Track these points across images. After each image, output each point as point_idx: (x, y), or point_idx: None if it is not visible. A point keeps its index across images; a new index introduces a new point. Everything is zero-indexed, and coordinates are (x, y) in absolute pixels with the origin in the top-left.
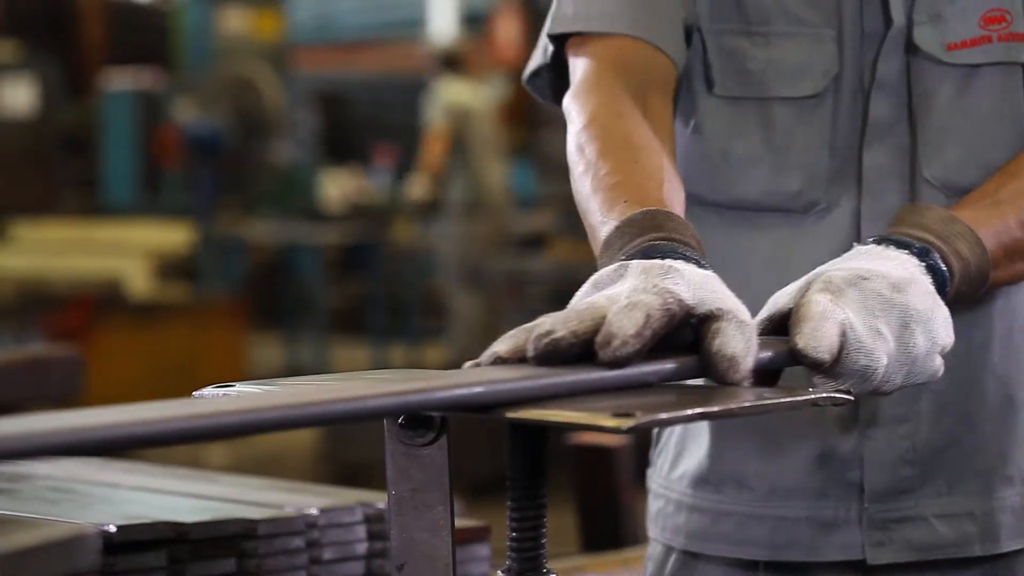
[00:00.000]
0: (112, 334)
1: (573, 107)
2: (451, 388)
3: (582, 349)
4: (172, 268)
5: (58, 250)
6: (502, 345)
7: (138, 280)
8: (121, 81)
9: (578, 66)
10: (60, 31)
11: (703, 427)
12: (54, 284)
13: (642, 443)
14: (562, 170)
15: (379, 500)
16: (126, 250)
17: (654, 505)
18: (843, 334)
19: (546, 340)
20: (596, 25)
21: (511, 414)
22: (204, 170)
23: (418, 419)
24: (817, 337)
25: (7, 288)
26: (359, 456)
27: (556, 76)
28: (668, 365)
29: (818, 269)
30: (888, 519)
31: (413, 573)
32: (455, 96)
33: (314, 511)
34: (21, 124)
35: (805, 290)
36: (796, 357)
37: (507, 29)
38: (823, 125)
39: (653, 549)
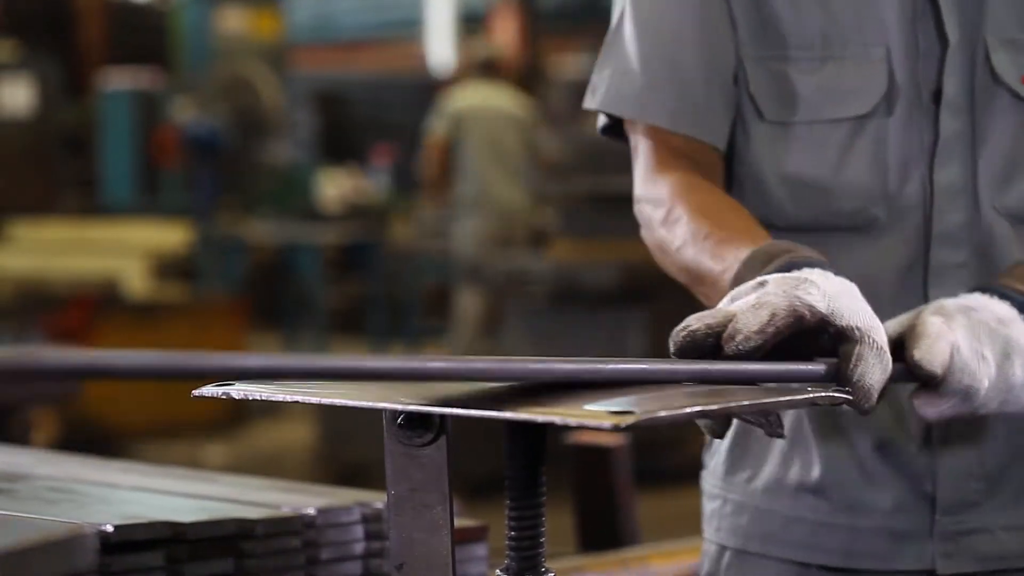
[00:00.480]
0: (111, 334)
1: (647, 190)
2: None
3: (715, 341)
4: (171, 268)
5: (57, 250)
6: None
7: (137, 280)
8: (120, 81)
9: (638, 148)
10: (59, 31)
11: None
12: (53, 284)
13: (640, 443)
14: (561, 170)
15: (377, 500)
16: (125, 250)
17: (709, 505)
18: (951, 355)
19: (683, 332)
20: (648, 116)
21: (509, 413)
22: (203, 170)
23: (417, 418)
24: (932, 352)
25: (6, 288)
26: (357, 456)
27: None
28: (799, 367)
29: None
30: (958, 531)
31: (412, 573)
32: (464, 102)
33: (312, 511)
34: (20, 124)
35: (918, 315)
36: (911, 370)
37: (505, 29)
38: (878, 143)
39: (708, 547)
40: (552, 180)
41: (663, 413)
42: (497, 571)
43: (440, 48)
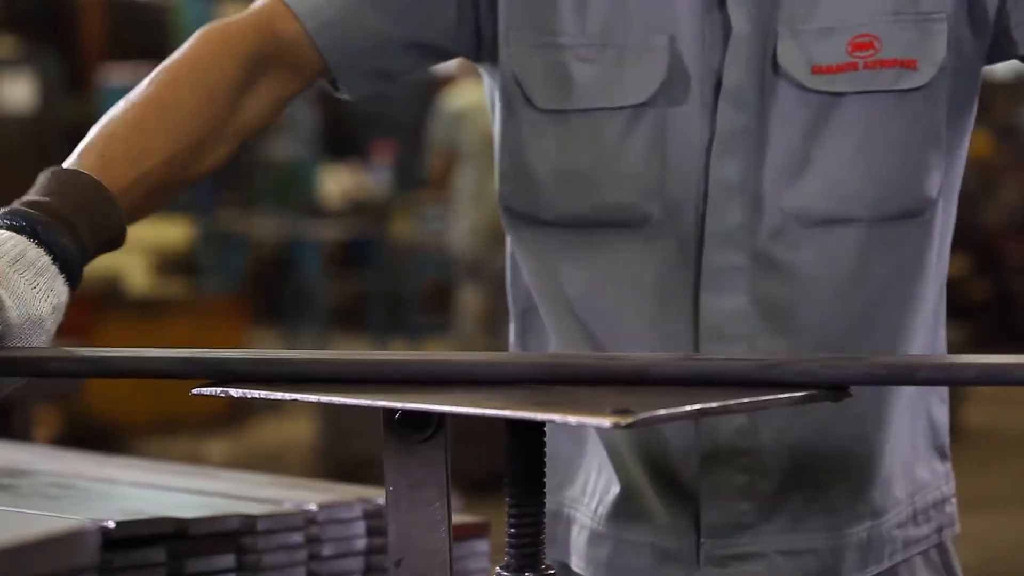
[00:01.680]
0: (113, 330)
1: (195, 36)
2: None
3: None
4: (172, 264)
5: None
6: None
7: (139, 276)
8: (120, 76)
9: (244, 9)
10: (60, 26)
11: (564, 440)
12: None
13: None
14: None
15: (378, 496)
16: (126, 246)
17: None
18: None
19: None
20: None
21: (508, 411)
22: None
23: (416, 415)
24: None
25: None
26: (359, 452)
27: None
28: None
29: None
30: (726, 555)
31: (411, 569)
32: (461, 101)
33: (313, 507)
34: (21, 119)
35: None
36: None
37: None
38: (655, 135)
39: None
40: None
41: (663, 412)
42: (497, 568)
43: None
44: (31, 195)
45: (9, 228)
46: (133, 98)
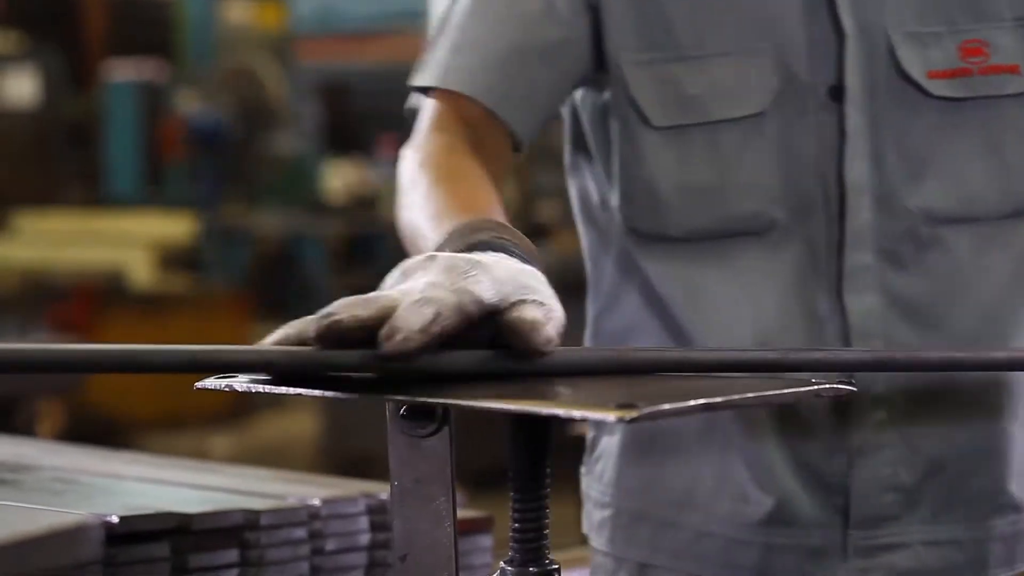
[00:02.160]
0: (115, 325)
1: (410, 150)
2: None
3: (364, 335)
4: (175, 259)
5: (62, 241)
6: (286, 330)
7: (141, 271)
8: (124, 72)
9: (424, 113)
10: (63, 22)
11: (664, 440)
12: (58, 275)
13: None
14: (563, 161)
15: (382, 491)
16: (129, 241)
17: (598, 514)
18: None
19: (326, 322)
20: (442, 82)
21: (512, 405)
22: (207, 161)
23: (420, 409)
24: None
25: (11, 279)
26: (362, 447)
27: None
28: (464, 354)
29: None
30: (873, 546)
31: (415, 564)
32: None
33: (316, 502)
34: (24, 115)
35: None
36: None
37: None
38: (774, 142)
39: (600, 560)
40: (554, 172)
41: (667, 406)
42: (501, 563)
43: None
44: (474, 238)
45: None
46: (425, 193)
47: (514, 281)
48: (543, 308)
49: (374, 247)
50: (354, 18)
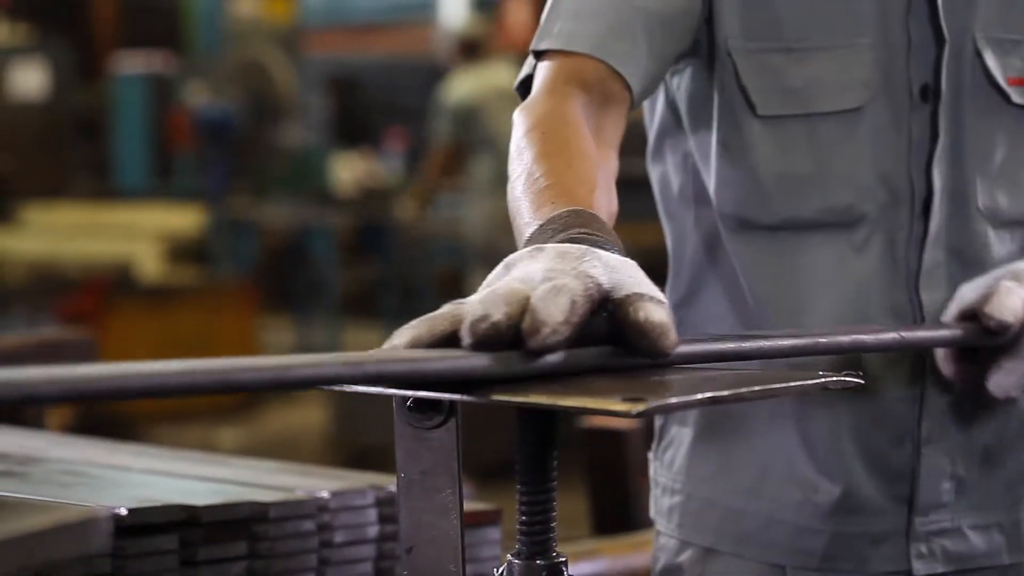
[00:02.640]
0: (124, 317)
1: (520, 114)
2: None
3: (516, 334)
4: (184, 251)
5: (70, 233)
6: (400, 337)
7: (150, 263)
8: (133, 64)
9: (539, 78)
10: (71, 14)
11: (731, 428)
12: (66, 267)
13: (653, 427)
14: None
15: (390, 483)
16: (138, 233)
17: (667, 500)
18: None
19: (485, 325)
20: (565, 44)
21: (519, 399)
22: (216, 153)
23: (427, 402)
24: (1004, 304)
25: (19, 271)
26: (370, 439)
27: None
28: (593, 350)
29: (1010, 264)
30: (931, 531)
31: (421, 556)
32: (462, 92)
33: (325, 494)
34: (33, 107)
35: (995, 279)
36: (984, 324)
37: (518, 12)
38: (867, 138)
39: (665, 542)
40: None
41: (674, 400)
42: (508, 555)
43: (453, 31)
44: (565, 235)
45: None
46: (537, 162)
47: (624, 269)
48: (665, 308)
49: (382, 239)
50: (362, 10)
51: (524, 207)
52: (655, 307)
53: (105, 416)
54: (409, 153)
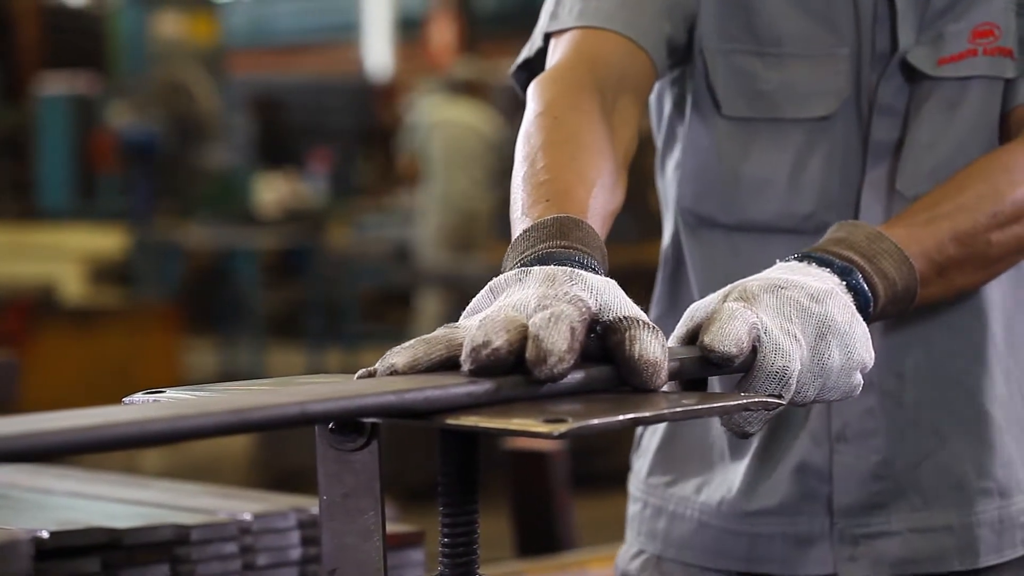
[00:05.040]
0: (47, 339)
1: (534, 93)
2: (383, 395)
3: (516, 359)
4: (107, 273)
5: None
6: (398, 357)
7: (73, 285)
8: (56, 85)
9: (555, 56)
10: None
11: (692, 437)
12: None
13: (577, 449)
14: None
15: (313, 506)
16: (61, 255)
17: (632, 508)
18: (757, 338)
19: (487, 352)
20: (581, 19)
21: (443, 420)
22: (139, 174)
23: (349, 424)
24: (724, 333)
25: None
26: (293, 462)
27: (537, 71)
28: (582, 374)
29: (738, 281)
30: (860, 534)
31: None
32: (433, 115)
33: (248, 517)
34: None
35: (722, 300)
36: (705, 356)
37: (442, 34)
38: (834, 147)
39: (625, 550)
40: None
41: (596, 421)
42: None
43: (377, 52)
44: (540, 248)
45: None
46: (537, 160)
47: (608, 290)
48: (657, 335)
49: (306, 261)
50: (286, 31)
51: (519, 198)
52: (650, 340)
53: None
54: (333, 174)
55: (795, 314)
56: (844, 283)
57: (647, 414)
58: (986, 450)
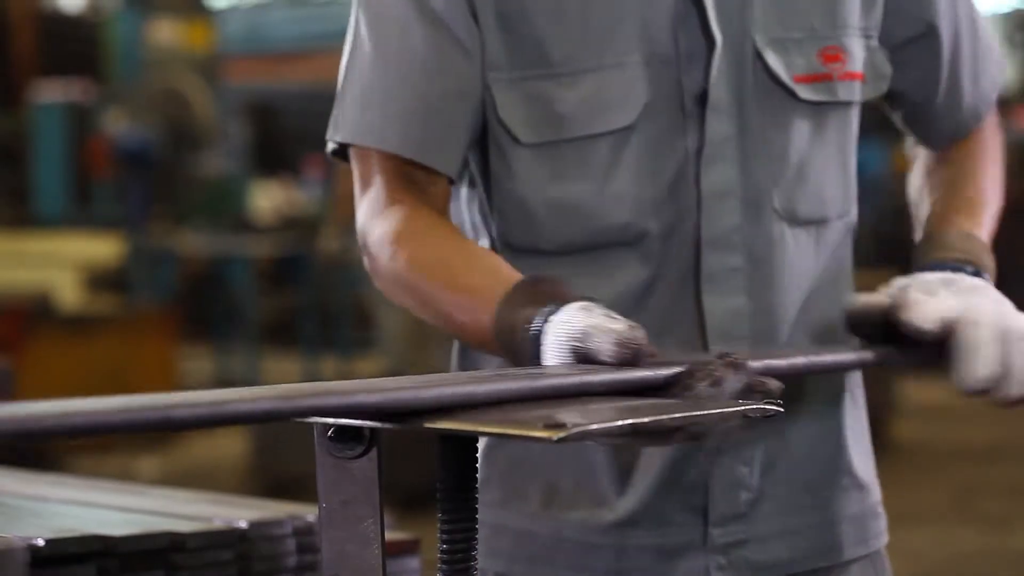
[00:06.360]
0: (43, 346)
1: (375, 230)
2: (380, 393)
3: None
4: (103, 280)
5: None
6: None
7: (69, 292)
8: (51, 93)
9: (365, 178)
10: None
11: (528, 452)
12: None
13: None
14: None
15: (309, 513)
16: (57, 262)
17: None
18: (952, 320)
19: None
20: (370, 140)
21: (442, 425)
22: (134, 181)
23: (348, 431)
24: (924, 310)
25: None
26: (290, 469)
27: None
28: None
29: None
30: (729, 543)
31: None
32: None
33: (244, 524)
34: None
35: (896, 293)
36: (909, 334)
37: None
38: (643, 153)
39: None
40: None
41: (595, 426)
42: None
43: None
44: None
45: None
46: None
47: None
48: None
49: (302, 268)
50: (282, 38)
51: (464, 305)
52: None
53: (23, 445)
54: (328, 181)
55: (979, 298)
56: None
57: (645, 420)
58: (837, 450)
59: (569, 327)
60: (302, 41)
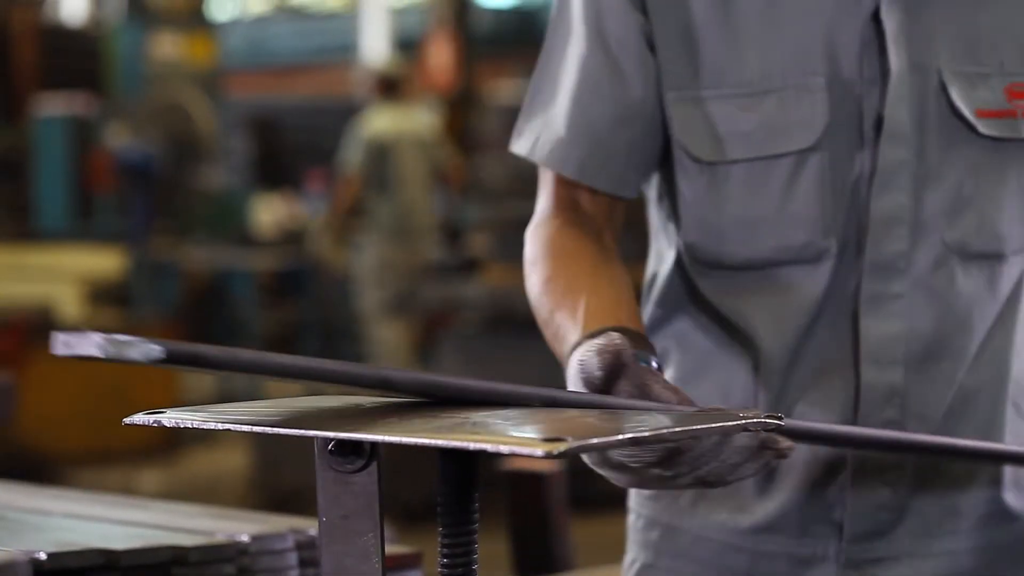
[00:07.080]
0: (44, 360)
1: (527, 245)
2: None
3: None
4: (105, 293)
5: None
6: None
7: (70, 305)
8: (53, 106)
9: (541, 185)
10: None
11: None
12: None
13: (574, 469)
14: (495, 195)
15: (311, 527)
16: (58, 275)
17: (628, 519)
18: None
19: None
20: (547, 161)
21: (442, 440)
22: (137, 195)
23: (349, 445)
24: None
25: None
26: (291, 483)
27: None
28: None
29: None
30: (864, 559)
31: None
32: (378, 127)
33: (245, 538)
34: None
35: None
36: None
37: (440, 54)
38: (822, 174)
39: (626, 560)
40: (485, 205)
41: (595, 440)
42: None
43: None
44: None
45: None
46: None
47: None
48: None
49: (303, 281)
50: (284, 53)
51: (560, 333)
52: None
53: (25, 458)
54: (331, 195)
55: None
56: None
57: (646, 433)
58: (994, 475)
59: (575, 357)
60: (304, 55)
